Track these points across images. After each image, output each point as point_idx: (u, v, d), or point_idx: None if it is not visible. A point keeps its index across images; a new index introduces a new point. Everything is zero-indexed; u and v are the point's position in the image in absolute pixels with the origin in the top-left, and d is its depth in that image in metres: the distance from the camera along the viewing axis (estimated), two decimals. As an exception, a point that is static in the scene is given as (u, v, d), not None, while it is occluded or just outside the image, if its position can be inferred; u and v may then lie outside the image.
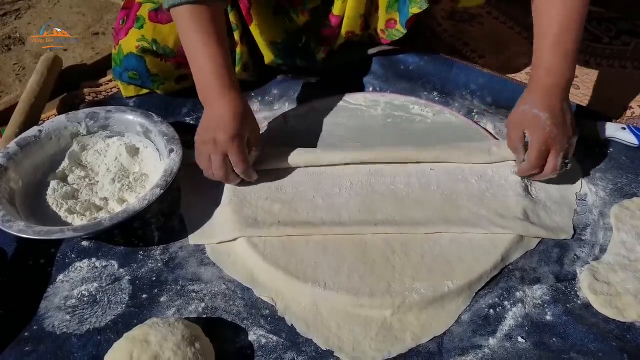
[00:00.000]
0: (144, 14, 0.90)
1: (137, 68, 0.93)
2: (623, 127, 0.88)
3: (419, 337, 0.66)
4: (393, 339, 0.66)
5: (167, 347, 0.60)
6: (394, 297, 0.68)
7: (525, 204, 0.78)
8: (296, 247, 0.74)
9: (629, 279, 0.69)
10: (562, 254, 0.74)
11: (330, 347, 0.66)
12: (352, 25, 0.97)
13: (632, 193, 0.81)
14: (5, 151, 0.81)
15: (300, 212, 0.78)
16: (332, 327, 0.67)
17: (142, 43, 0.89)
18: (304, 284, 0.70)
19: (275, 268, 0.72)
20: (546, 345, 0.65)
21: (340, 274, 0.71)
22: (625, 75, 1.07)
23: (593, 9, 1.24)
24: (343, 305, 0.69)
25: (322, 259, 0.72)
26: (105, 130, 0.89)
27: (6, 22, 1.39)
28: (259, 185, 0.82)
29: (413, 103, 0.96)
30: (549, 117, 0.73)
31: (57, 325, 0.69)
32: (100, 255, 0.76)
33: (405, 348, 0.65)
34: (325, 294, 0.69)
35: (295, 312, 0.69)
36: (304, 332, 0.67)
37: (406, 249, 0.73)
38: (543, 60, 0.76)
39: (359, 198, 0.80)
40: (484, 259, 0.72)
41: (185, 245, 0.77)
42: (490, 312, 0.68)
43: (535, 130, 0.74)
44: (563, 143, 0.74)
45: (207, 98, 0.79)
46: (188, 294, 0.72)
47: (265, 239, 0.75)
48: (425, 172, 0.83)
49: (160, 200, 0.76)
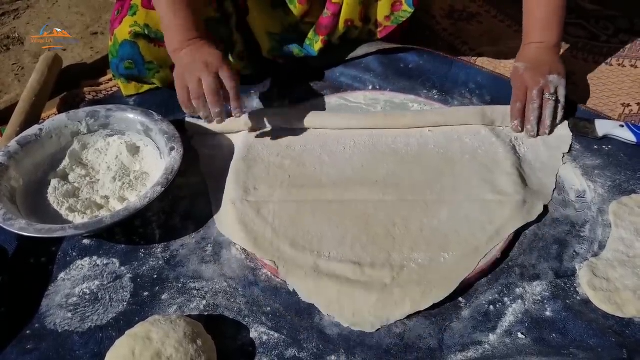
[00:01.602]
0: (137, 2, 0.91)
1: (132, 56, 0.93)
2: (621, 124, 0.88)
3: (418, 303, 0.67)
4: (392, 305, 0.67)
5: (169, 344, 0.60)
6: (393, 265, 0.71)
7: (514, 159, 0.84)
8: (303, 218, 0.77)
9: (628, 275, 0.70)
10: (561, 250, 0.74)
11: (330, 313, 0.68)
12: (351, 12, 0.97)
13: (630, 190, 0.81)
14: (6, 149, 0.82)
15: (308, 167, 0.85)
16: (333, 293, 0.69)
17: (135, 28, 0.90)
18: (309, 253, 0.72)
19: (280, 236, 0.75)
20: (546, 341, 0.65)
21: (344, 245, 0.74)
22: (623, 73, 1.08)
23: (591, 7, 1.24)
24: (344, 273, 0.70)
25: (327, 230, 0.76)
26: (105, 129, 0.89)
27: (5, 22, 1.39)
28: (270, 144, 0.89)
29: (412, 101, 0.96)
30: (523, 64, 0.89)
31: (59, 323, 0.69)
32: (101, 253, 0.77)
33: (404, 314, 0.67)
34: (328, 263, 0.71)
35: (297, 277, 0.71)
36: (305, 297, 0.70)
37: (406, 222, 0.77)
38: (532, 37, 0.91)
39: (361, 155, 0.87)
40: (480, 233, 0.74)
41: (186, 243, 0.77)
42: (490, 308, 0.68)
43: (513, 77, 0.91)
44: (536, 79, 0.86)
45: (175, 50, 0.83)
46: (189, 291, 0.72)
47: (273, 208, 0.78)
48: (424, 133, 0.90)
49: (161, 198, 0.76)
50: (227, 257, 0.76)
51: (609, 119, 0.93)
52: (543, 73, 0.87)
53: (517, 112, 0.88)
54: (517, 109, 0.88)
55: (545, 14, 0.90)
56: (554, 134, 0.89)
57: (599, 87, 1.05)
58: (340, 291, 0.69)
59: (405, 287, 0.69)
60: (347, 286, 0.69)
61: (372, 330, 0.67)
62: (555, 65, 0.89)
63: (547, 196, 0.80)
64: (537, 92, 0.86)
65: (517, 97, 0.88)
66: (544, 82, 0.86)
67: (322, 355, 0.65)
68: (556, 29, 0.90)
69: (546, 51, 0.90)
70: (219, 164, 0.86)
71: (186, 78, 0.80)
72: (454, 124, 0.90)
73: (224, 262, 0.75)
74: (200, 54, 0.81)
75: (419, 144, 0.88)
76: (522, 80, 0.88)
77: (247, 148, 0.88)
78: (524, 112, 0.88)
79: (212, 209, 0.81)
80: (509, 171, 0.82)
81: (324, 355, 0.65)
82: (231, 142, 0.91)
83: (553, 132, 0.88)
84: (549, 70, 0.87)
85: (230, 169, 0.85)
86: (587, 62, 1.11)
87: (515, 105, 0.88)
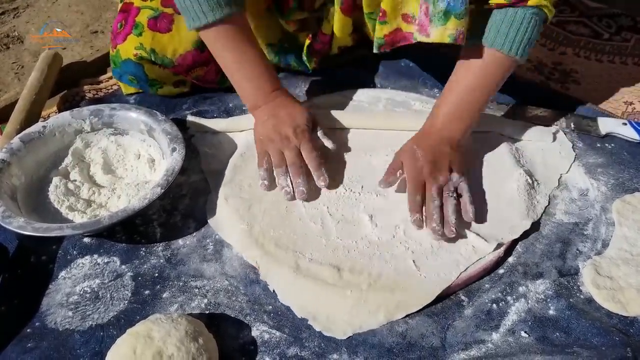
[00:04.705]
0: (143, 21, 0.89)
1: (136, 73, 0.93)
2: (624, 122, 0.88)
3: (392, 313, 0.67)
4: (366, 314, 0.67)
5: (170, 342, 0.60)
6: (371, 272, 0.70)
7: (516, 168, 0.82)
8: (292, 217, 0.77)
9: (632, 273, 0.69)
10: (565, 248, 0.74)
11: (304, 316, 0.67)
12: (342, 41, 0.97)
13: (633, 188, 0.81)
14: (9, 146, 0.81)
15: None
16: (310, 296, 0.68)
17: (140, 52, 0.88)
18: (291, 253, 0.72)
19: (266, 234, 0.74)
20: (549, 340, 0.65)
21: (327, 247, 0.73)
22: (626, 71, 1.07)
23: (594, 5, 1.24)
24: (322, 276, 0.70)
25: (312, 231, 0.75)
26: (109, 128, 0.89)
27: (4, 21, 1.39)
28: None
29: (414, 99, 0.96)
30: (421, 150, 0.77)
31: (60, 322, 0.69)
32: (102, 252, 0.76)
33: (378, 324, 0.66)
34: (308, 265, 0.71)
35: (275, 278, 0.71)
36: (282, 299, 0.69)
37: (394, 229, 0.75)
38: (436, 123, 0.80)
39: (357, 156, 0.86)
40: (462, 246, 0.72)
41: (187, 242, 0.77)
42: (493, 307, 0.68)
43: (406, 158, 0.78)
44: (435, 175, 0.76)
45: (255, 107, 0.84)
46: (190, 289, 0.71)
47: (265, 206, 0.78)
48: None
49: (161, 198, 0.76)
50: (229, 255, 0.75)
51: (612, 117, 0.92)
52: (442, 169, 0.77)
53: (418, 206, 0.75)
54: (417, 203, 0.75)
55: (457, 109, 0.79)
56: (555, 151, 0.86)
57: (601, 85, 1.04)
58: (316, 295, 0.68)
59: (379, 295, 0.68)
60: (324, 290, 0.68)
61: (344, 337, 0.66)
62: (456, 162, 0.78)
63: (537, 214, 0.77)
64: (436, 190, 0.75)
65: (415, 188, 0.75)
66: (443, 180, 0.76)
67: (324, 354, 0.64)
68: (463, 126, 0.79)
69: (447, 143, 0.78)
70: (220, 163, 0.86)
71: (268, 146, 0.81)
72: None
73: (225, 260, 0.75)
74: (283, 111, 0.82)
75: None
76: (417, 170, 0.76)
77: (246, 146, 0.88)
78: (422, 206, 0.76)
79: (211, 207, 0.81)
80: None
81: (325, 354, 0.64)
82: (232, 141, 0.90)
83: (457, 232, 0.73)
84: (448, 166, 0.77)
85: (227, 166, 0.85)
86: (590, 60, 1.10)
87: (414, 198, 0.75)
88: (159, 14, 0.89)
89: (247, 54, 0.81)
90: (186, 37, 0.89)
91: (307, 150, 0.80)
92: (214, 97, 1.00)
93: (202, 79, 0.96)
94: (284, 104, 0.83)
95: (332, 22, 0.92)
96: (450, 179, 0.76)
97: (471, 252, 0.72)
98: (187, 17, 0.78)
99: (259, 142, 0.83)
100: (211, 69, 0.94)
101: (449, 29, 0.73)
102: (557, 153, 0.86)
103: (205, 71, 0.94)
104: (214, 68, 0.94)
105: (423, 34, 0.76)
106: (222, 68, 0.84)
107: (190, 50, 0.90)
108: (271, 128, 0.81)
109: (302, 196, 0.77)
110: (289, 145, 0.80)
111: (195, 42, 0.90)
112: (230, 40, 0.80)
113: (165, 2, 0.90)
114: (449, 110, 0.80)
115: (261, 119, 0.83)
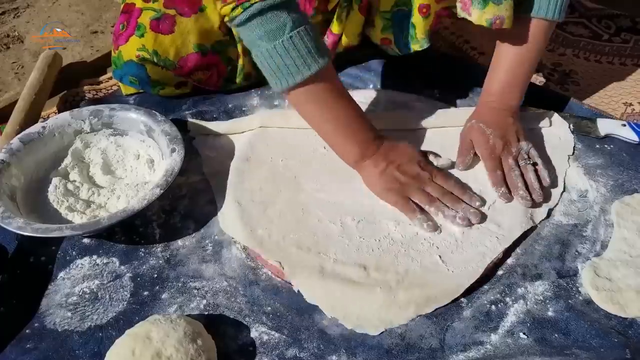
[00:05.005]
0: (145, 22, 0.88)
1: (138, 74, 0.92)
2: (623, 123, 0.88)
3: (422, 307, 0.67)
4: (397, 309, 0.67)
5: (169, 343, 0.60)
6: (399, 269, 0.70)
7: None
8: (309, 219, 0.77)
9: (631, 275, 0.69)
10: (564, 250, 0.74)
11: (334, 315, 0.67)
12: (350, 41, 0.97)
13: (632, 189, 0.81)
14: (8, 147, 0.81)
15: (314, 167, 0.84)
16: (338, 295, 0.68)
17: (143, 53, 0.88)
18: (314, 255, 0.72)
19: (286, 237, 0.75)
20: (548, 341, 0.65)
21: (350, 247, 0.73)
22: (625, 72, 1.07)
23: (593, 6, 1.24)
24: (349, 275, 0.70)
25: (333, 232, 0.75)
26: (108, 128, 0.89)
27: (5, 21, 1.39)
28: (274, 144, 0.88)
29: (414, 100, 0.96)
30: (486, 126, 0.82)
31: (59, 322, 0.69)
32: (101, 253, 0.76)
33: (408, 318, 0.67)
34: (333, 265, 0.71)
35: (302, 278, 0.70)
36: (310, 299, 0.69)
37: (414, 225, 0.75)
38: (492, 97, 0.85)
39: None
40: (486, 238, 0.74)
41: (186, 243, 0.77)
42: (492, 308, 0.68)
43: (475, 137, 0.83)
44: (508, 147, 0.81)
45: (361, 160, 0.79)
46: (189, 290, 0.71)
47: (279, 209, 0.78)
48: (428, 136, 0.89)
49: (160, 199, 0.76)
50: (228, 256, 0.75)
51: (611, 118, 0.92)
52: (512, 141, 0.82)
53: (501, 180, 0.79)
54: (499, 177, 0.79)
55: (511, 77, 0.83)
56: (555, 136, 0.88)
57: (600, 86, 1.04)
58: (345, 294, 0.68)
59: (409, 291, 0.68)
60: (352, 289, 0.69)
61: (376, 334, 0.66)
62: (520, 130, 0.83)
63: (553, 200, 0.79)
64: (514, 161, 0.80)
65: (493, 165, 0.80)
66: (516, 150, 0.81)
67: (323, 355, 0.64)
68: (518, 94, 0.84)
69: (508, 113, 0.83)
70: (222, 165, 0.86)
71: (406, 192, 0.77)
72: (457, 125, 0.88)
73: (224, 261, 0.75)
74: (392, 153, 0.78)
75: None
76: (491, 147, 0.81)
77: (250, 148, 0.87)
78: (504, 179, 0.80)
79: (212, 208, 0.81)
80: None
81: (324, 355, 0.64)
82: (233, 143, 0.90)
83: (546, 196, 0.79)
84: (515, 136, 0.82)
85: (232, 170, 0.84)
86: (589, 61, 1.11)
87: (495, 173, 0.79)
88: (161, 15, 0.88)
89: (345, 109, 0.76)
90: (188, 39, 0.89)
91: (443, 179, 0.78)
92: (214, 98, 1.00)
93: (204, 82, 0.96)
94: (389, 147, 0.79)
95: (344, 22, 0.93)
96: (521, 148, 0.82)
97: (496, 243, 0.73)
98: (277, 77, 0.69)
99: (389, 192, 0.77)
100: (213, 73, 0.94)
101: (487, 14, 0.76)
102: (556, 137, 0.88)
103: (208, 76, 0.94)
104: (217, 73, 0.94)
105: (465, 12, 0.80)
106: (311, 125, 0.78)
107: (192, 53, 0.90)
108: (397, 174, 0.77)
109: (476, 218, 0.75)
110: (426, 180, 0.78)
111: (196, 45, 0.89)
112: (327, 96, 0.74)
113: (168, 4, 0.89)
114: (503, 83, 0.84)
115: (376, 169, 0.78)
